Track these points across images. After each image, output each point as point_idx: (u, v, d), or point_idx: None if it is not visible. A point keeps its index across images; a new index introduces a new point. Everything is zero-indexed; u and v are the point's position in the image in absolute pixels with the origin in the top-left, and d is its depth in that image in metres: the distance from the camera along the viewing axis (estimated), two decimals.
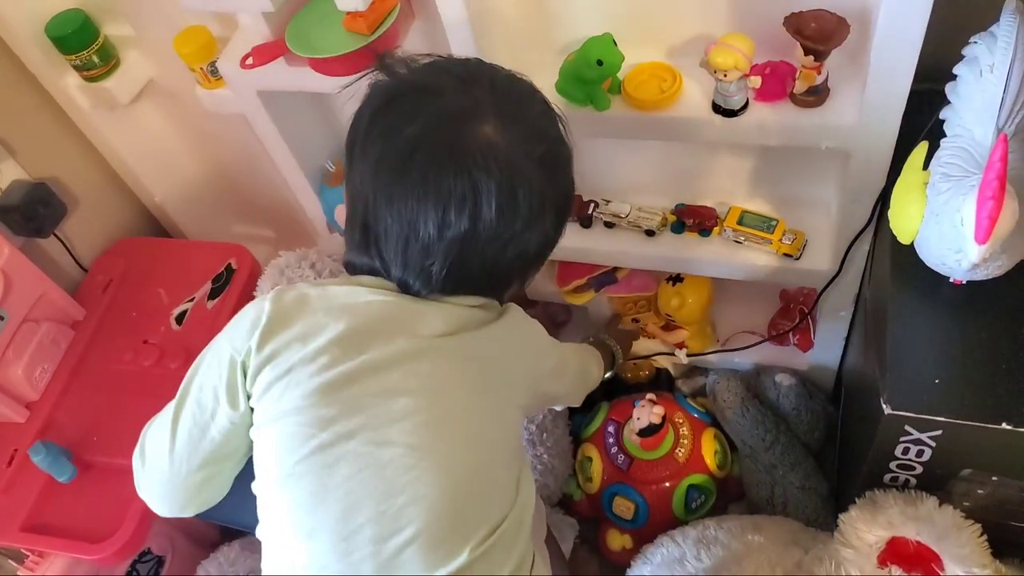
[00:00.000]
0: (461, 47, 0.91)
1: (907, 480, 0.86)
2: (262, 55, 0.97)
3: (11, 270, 1.15)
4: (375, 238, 0.65)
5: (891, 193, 0.83)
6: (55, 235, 1.30)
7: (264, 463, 0.65)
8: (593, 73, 0.89)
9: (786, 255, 1.07)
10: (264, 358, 0.64)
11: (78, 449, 1.18)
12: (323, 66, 0.95)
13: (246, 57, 0.99)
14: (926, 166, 0.78)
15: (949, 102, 0.78)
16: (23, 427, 1.20)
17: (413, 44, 1.00)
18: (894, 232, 0.80)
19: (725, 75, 0.84)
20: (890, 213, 0.80)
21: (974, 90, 0.74)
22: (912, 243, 0.78)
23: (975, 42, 0.75)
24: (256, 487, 0.67)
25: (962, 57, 0.77)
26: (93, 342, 1.29)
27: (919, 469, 0.82)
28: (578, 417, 1.33)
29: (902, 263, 0.83)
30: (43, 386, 1.23)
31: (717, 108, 0.89)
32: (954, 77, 0.78)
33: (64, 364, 1.26)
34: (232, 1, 0.95)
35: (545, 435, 1.23)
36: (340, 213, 1.22)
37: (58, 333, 1.25)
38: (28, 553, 1.18)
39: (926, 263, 0.78)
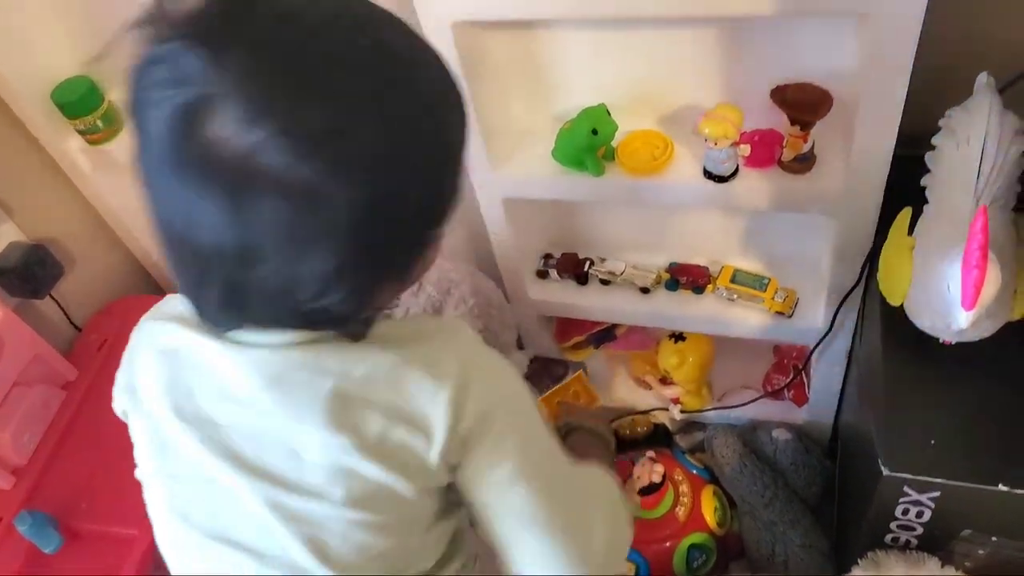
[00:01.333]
0: None
1: (908, 541, 0.86)
2: None
3: (4, 333, 1.15)
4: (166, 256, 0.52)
5: (878, 254, 0.86)
6: (51, 296, 1.31)
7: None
8: (588, 141, 0.92)
9: (779, 313, 1.09)
10: (120, 412, 0.64)
11: (65, 516, 1.15)
12: None
13: None
14: (911, 231, 0.81)
15: (929, 170, 0.81)
16: (8, 494, 1.18)
17: None
18: (884, 295, 0.82)
19: (716, 143, 0.87)
20: (879, 276, 0.82)
21: (953, 160, 0.77)
22: (901, 305, 0.80)
23: (951, 115, 0.78)
24: None
25: (939, 128, 0.80)
26: (84, 404, 1.27)
27: (920, 530, 0.83)
28: None
29: (892, 323, 0.85)
30: (31, 450, 1.22)
31: (708, 174, 0.92)
32: (933, 146, 0.81)
33: (54, 427, 1.24)
34: None
35: None
36: None
37: (49, 395, 1.24)
38: None
39: (915, 324, 0.80)
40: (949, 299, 0.68)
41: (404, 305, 1.01)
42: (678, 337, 1.24)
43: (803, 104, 0.82)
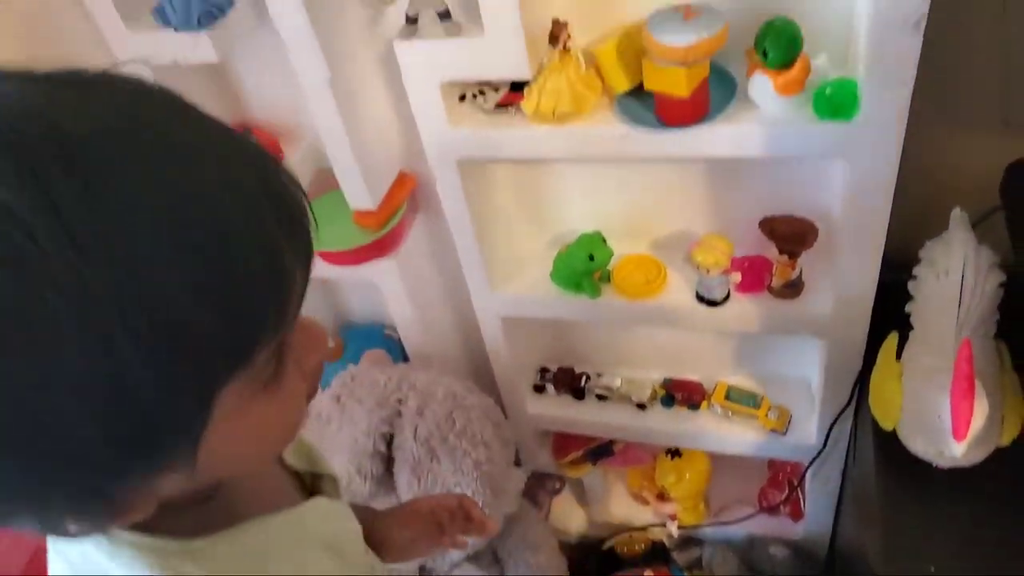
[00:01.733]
0: (464, 240, 0.98)
1: None
2: None
3: None
4: None
5: (869, 374, 0.89)
6: None
7: None
8: (584, 266, 0.96)
9: (773, 430, 1.10)
10: None
11: None
12: (334, 258, 1.01)
13: None
14: (898, 356, 0.84)
15: (913, 298, 0.85)
16: None
17: (418, 236, 1.08)
18: (876, 419, 0.84)
19: (708, 271, 0.91)
20: (871, 401, 0.85)
21: (934, 290, 0.81)
22: (894, 429, 0.83)
23: (929, 247, 0.83)
24: None
25: (919, 258, 0.85)
26: None
27: None
28: None
29: (885, 445, 0.86)
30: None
31: (701, 298, 0.95)
32: (915, 276, 0.85)
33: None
34: None
35: None
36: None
37: None
38: None
39: (909, 450, 0.82)
40: (941, 428, 0.70)
41: (412, 424, 1.01)
42: (675, 453, 1.25)
43: (790, 236, 0.87)
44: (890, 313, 0.90)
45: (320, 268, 1.06)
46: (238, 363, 0.35)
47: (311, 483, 0.57)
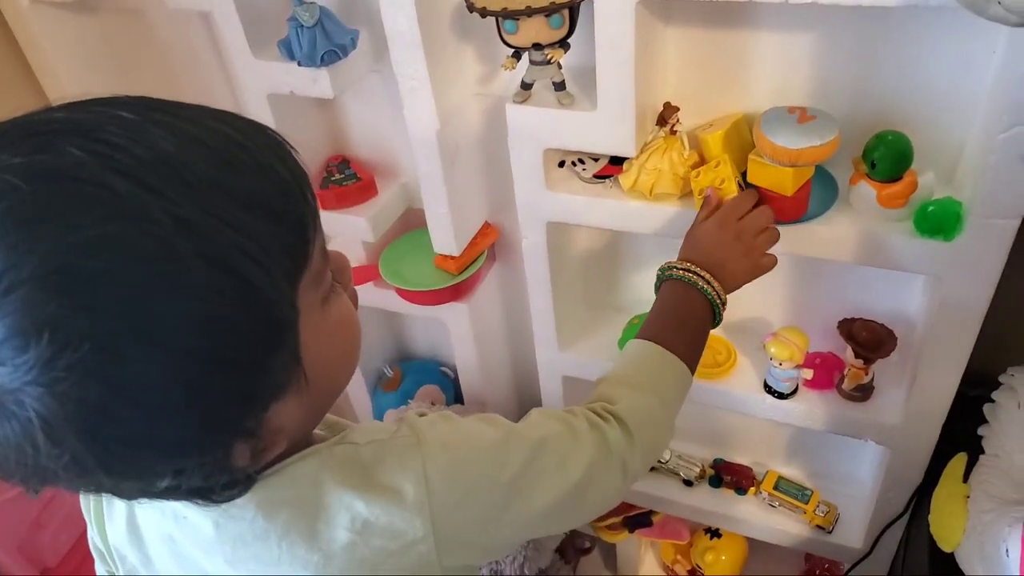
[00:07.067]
0: (539, 299, 1.00)
1: None
2: (356, 277, 1.07)
3: None
4: None
5: (927, 487, 0.87)
6: None
7: None
8: None
9: (819, 527, 1.09)
10: None
11: None
12: (409, 295, 1.04)
13: None
14: (965, 478, 0.83)
15: (987, 421, 0.84)
16: None
17: (491, 284, 1.10)
18: (935, 538, 0.83)
19: (780, 364, 0.91)
20: (931, 519, 0.84)
21: (1013, 419, 0.80)
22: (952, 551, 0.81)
23: (1013, 375, 0.82)
24: None
25: (999, 383, 0.84)
26: None
27: None
28: None
29: (941, 564, 0.85)
30: (63, 552, 1.23)
31: (769, 389, 0.95)
32: (992, 399, 0.84)
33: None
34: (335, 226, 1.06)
35: None
36: (389, 417, 1.26)
37: None
38: None
39: (965, 573, 0.80)
40: (1006, 563, 0.69)
41: None
42: (714, 532, 1.24)
43: (869, 342, 0.87)
44: (956, 428, 0.88)
45: (392, 302, 1.08)
46: (301, 260, 0.43)
47: None
